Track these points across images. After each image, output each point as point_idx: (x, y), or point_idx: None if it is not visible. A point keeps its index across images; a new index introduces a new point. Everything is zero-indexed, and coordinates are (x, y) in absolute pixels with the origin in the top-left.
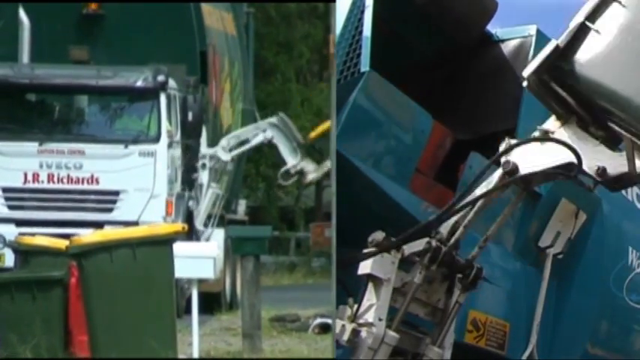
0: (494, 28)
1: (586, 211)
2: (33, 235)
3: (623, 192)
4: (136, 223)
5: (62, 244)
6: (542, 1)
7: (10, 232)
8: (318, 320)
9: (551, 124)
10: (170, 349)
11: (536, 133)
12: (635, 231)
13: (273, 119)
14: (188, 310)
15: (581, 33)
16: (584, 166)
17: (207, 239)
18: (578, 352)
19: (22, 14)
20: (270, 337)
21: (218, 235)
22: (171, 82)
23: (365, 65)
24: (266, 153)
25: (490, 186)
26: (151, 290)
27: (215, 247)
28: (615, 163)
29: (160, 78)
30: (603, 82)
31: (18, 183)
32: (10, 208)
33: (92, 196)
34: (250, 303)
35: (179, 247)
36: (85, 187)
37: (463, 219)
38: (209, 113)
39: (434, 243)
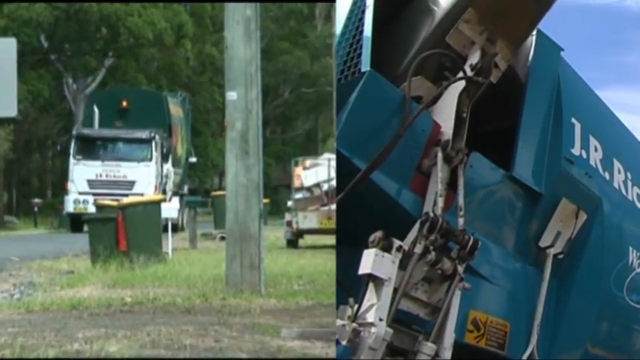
0: None
1: (586, 211)
2: (103, 200)
3: (624, 192)
4: (142, 194)
5: (114, 203)
6: None
7: (91, 199)
8: (220, 235)
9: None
10: (159, 246)
11: None
12: (635, 231)
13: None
14: (165, 230)
15: None
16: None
17: (170, 200)
18: (578, 352)
19: (95, 108)
20: (200, 242)
21: (175, 199)
22: (157, 136)
23: (365, 65)
24: (196, 166)
25: (440, 170)
26: (151, 222)
27: (177, 204)
28: (475, 56)
29: (152, 134)
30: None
31: (93, 177)
32: (90, 188)
33: (124, 183)
34: (192, 228)
35: (163, 205)
36: (121, 179)
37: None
38: (172, 149)
39: (431, 214)
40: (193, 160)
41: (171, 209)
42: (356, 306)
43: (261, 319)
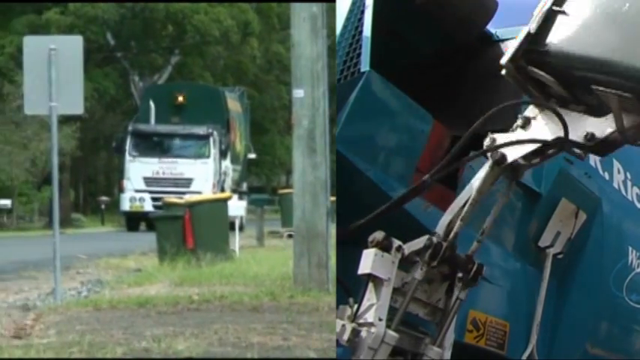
0: (494, 28)
1: (586, 211)
2: (169, 197)
3: (623, 192)
4: (199, 193)
5: (182, 201)
6: None
7: (147, 197)
8: (287, 232)
9: (531, 111)
10: (226, 244)
11: (519, 122)
12: (635, 231)
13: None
14: (232, 228)
15: (550, 16)
16: (572, 136)
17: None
18: (578, 352)
19: (151, 103)
20: (267, 240)
21: (234, 197)
22: (215, 132)
23: (365, 65)
24: (263, 163)
25: (480, 179)
26: (218, 220)
27: (244, 202)
28: (602, 127)
29: (210, 130)
30: (579, 51)
31: (150, 174)
32: (146, 185)
33: (181, 181)
34: (259, 226)
35: (230, 203)
36: (178, 176)
37: (458, 214)
38: (230, 146)
39: (434, 239)
40: (252, 156)
41: (238, 207)
42: (355, 306)
43: (329, 317)
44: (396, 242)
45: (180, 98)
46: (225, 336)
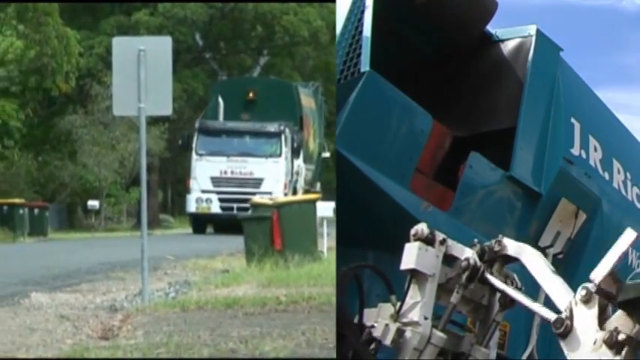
0: (494, 28)
1: (586, 211)
2: (257, 198)
3: (623, 192)
4: (270, 193)
5: (270, 202)
6: (542, 2)
7: (215, 197)
8: None
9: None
10: (314, 246)
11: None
12: (635, 231)
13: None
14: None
15: None
16: None
17: None
18: None
19: (220, 99)
20: None
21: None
22: (287, 130)
23: (365, 65)
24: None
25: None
26: (306, 221)
27: (332, 203)
28: None
29: (282, 127)
30: None
31: (217, 174)
32: (214, 186)
33: (250, 181)
34: None
35: (319, 203)
36: (247, 176)
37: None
38: (303, 144)
39: (472, 261)
40: (327, 155)
41: (327, 208)
42: (398, 304)
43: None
44: (440, 235)
45: (251, 94)
46: (313, 337)
